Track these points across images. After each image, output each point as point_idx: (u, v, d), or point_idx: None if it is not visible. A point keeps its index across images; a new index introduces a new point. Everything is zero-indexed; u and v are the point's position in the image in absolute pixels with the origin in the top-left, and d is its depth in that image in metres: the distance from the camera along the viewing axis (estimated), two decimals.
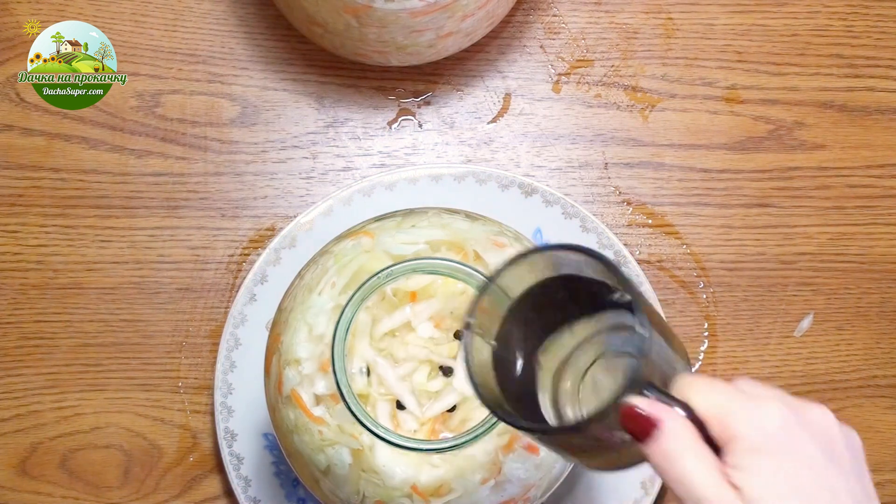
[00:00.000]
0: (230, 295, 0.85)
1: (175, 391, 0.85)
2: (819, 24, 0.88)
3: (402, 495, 0.65)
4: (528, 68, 0.87)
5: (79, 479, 0.84)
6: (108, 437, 0.84)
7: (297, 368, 0.66)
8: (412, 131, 0.87)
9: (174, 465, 0.84)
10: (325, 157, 0.86)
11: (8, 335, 0.85)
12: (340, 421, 0.65)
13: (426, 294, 0.67)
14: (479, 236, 0.68)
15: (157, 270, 0.85)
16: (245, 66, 0.87)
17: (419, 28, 0.79)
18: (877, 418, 0.85)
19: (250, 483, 0.82)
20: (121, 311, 0.85)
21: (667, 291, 0.85)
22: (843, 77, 0.87)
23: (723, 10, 0.88)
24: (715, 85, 0.87)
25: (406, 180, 0.83)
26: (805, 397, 0.53)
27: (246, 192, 0.86)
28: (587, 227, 0.83)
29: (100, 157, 0.86)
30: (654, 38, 0.87)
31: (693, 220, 0.86)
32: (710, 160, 0.86)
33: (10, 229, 0.86)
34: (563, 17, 0.88)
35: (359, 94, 0.87)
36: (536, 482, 0.67)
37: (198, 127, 0.86)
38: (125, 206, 0.86)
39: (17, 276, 0.85)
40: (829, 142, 0.87)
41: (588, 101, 0.87)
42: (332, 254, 0.68)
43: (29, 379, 0.85)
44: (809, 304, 0.86)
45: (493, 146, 0.87)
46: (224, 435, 0.82)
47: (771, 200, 0.86)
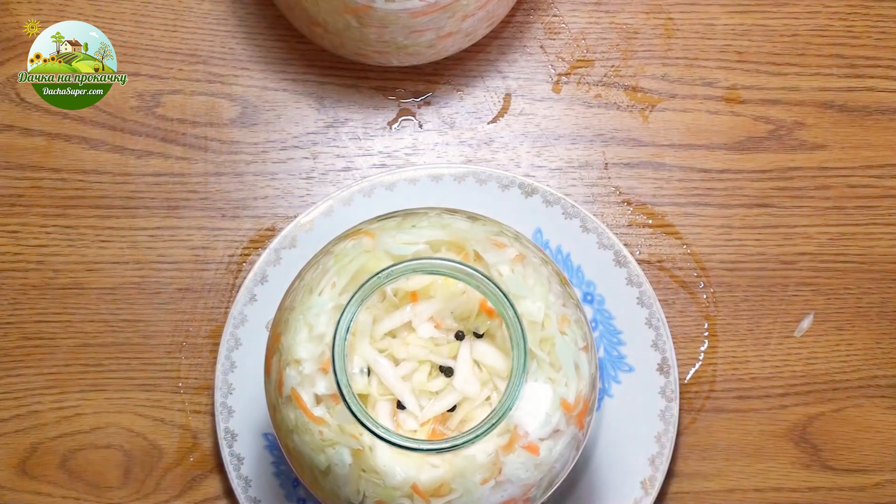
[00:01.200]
0: (230, 295, 0.85)
1: (175, 391, 0.85)
2: (819, 24, 0.88)
3: (403, 495, 0.65)
4: (528, 68, 0.87)
5: (79, 480, 0.84)
6: (109, 438, 0.84)
7: (297, 368, 0.66)
8: (412, 131, 0.87)
9: (174, 466, 0.84)
10: (326, 157, 0.86)
11: (8, 335, 0.85)
12: (341, 421, 0.65)
13: (426, 294, 0.67)
14: (480, 236, 0.68)
15: (158, 271, 0.85)
16: (245, 66, 0.87)
17: (419, 28, 0.79)
18: (877, 418, 0.85)
19: (250, 483, 0.82)
20: (121, 312, 0.85)
21: (667, 291, 0.85)
22: (843, 77, 0.87)
23: (723, 10, 0.88)
24: (715, 85, 0.87)
25: (406, 180, 0.83)
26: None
27: (246, 192, 0.86)
28: (587, 228, 0.83)
29: (100, 158, 0.86)
30: (655, 38, 0.87)
31: (693, 220, 0.86)
32: (711, 160, 0.86)
33: (10, 229, 0.86)
34: (563, 18, 0.88)
35: (359, 94, 0.87)
36: (536, 482, 0.67)
37: (198, 127, 0.87)
38: (125, 206, 0.86)
39: (17, 277, 0.85)
40: (829, 142, 0.87)
41: (588, 102, 0.87)
42: (333, 254, 0.68)
43: (29, 379, 0.85)
44: (809, 305, 0.86)
45: (494, 146, 0.87)
46: (224, 435, 0.82)
47: (771, 200, 0.86)
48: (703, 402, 0.85)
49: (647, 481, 0.81)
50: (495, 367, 0.66)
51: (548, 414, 0.65)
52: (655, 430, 0.82)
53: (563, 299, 0.67)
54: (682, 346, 0.85)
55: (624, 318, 0.83)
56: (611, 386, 0.82)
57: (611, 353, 0.83)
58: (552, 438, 0.66)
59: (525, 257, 0.67)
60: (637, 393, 0.82)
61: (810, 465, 0.84)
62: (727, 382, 0.85)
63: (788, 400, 0.85)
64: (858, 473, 0.84)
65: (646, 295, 0.82)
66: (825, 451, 0.85)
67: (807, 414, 0.85)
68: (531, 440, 0.65)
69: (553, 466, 0.67)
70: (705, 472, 0.84)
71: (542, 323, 0.66)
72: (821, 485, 0.84)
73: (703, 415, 0.85)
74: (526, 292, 0.66)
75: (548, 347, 0.66)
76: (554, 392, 0.65)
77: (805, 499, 0.84)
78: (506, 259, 0.67)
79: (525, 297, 0.66)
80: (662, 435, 0.82)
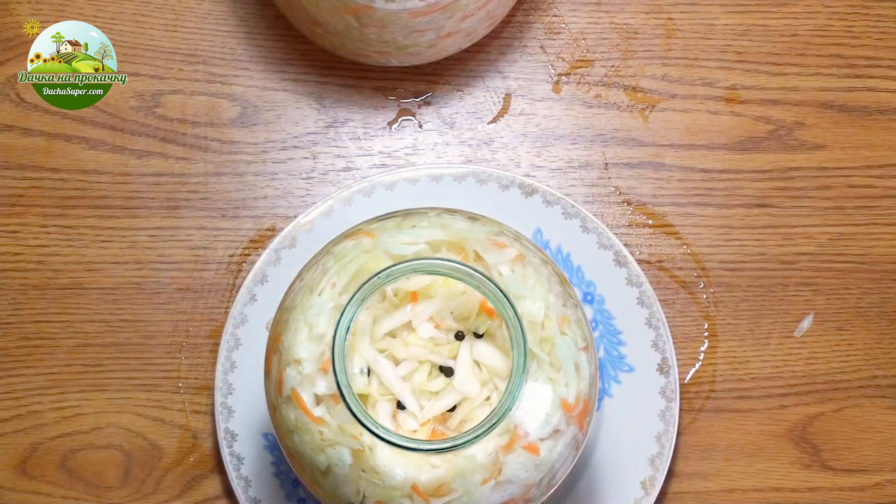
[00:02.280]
0: (230, 295, 0.85)
1: (175, 391, 0.85)
2: (819, 24, 0.88)
3: (403, 495, 0.65)
4: (528, 68, 0.87)
5: (79, 480, 0.84)
6: (109, 438, 0.84)
7: (297, 368, 0.66)
8: (412, 131, 0.87)
9: (174, 466, 0.84)
10: (326, 157, 0.86)
11: (8, 335, 0.85)
12: (341, 421, 0.65)
13: (426, 294, 0.67)
14: (480, 236, 0.68)
15: (158, 271, 0.85)
16: (245, 66, 0.87)
17: (419, 28, 0.79)
18: (877, 418, 0.85)
19: (250, 483, 0.82)
20: (121, 312, 0.85)
21: (667, 292, 0.85)
22: (843, 77, 0.87)
23: (723, 10, 0.88)
24: (715, 85, 0.87)
25: (406, 180, 0.83)
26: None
27: (246, 192, 0.86)
28: (587, 228, 0.83)
29: (100, 158, 0.86)
30: (655, 39, 0.87)
31: (693, 220, 0.86)
32: (711, 160, 0.86)
33: (11, 229, 0.86)
34: (563, 18, 0.88)
35: (359, 94, 0.87)
36: (536, 482, 0.67)
37: (198, 127, 0.87)
38: (125, 206, 0.86)
39: (17, 277, 0.85)
40: (829, 142, 0.87)
41: (588, 102, 0.87)
42: (333, 254, 0.68)
43: (29, 379, 0.85)
44: (810, 305, 0.86)
45: (494, 146, 0.87)
46: (224, 435, 0.82)
47: (771, 200, 0.86)
48: (703, 403, 0.85)
49: (647, 481, 0.81)
50: (495, 367, 0.66)
51: (548, 414, 0.65)
52: (655, 430, 0.82)
53: (563, 299, 0.67)
54: (682, 346, 0.85)
55: (624, 318, 0.83)
56: (611, 386, 0.82)
57: (611, 353, 0.83)
58: (552, 438, 0.66)
59: (525, 257, 0.67)
60: (637, 393, 0.82)
61: (810, 465, 0.84)
62: (727, 382, 0.85)
63: (788, 400, 0.85)
64: (858, 473, 0.84)
65: (646, 295, 0.82)
66: (825, 451, 0.85)
67: (807, 414, 0.85)
68: (531, 440, 0.65)
69: (553, 466, 0.67)
70: (705, 472, 0.84)
71: (542, 323, 0.66)
72: (821, 485, 0.84)
73: (703, 415, 0.85)
74: (526, 292, 0.66)
75: (548, 347, 0.66)
76: (554, 392, 0.65)
77: (805, 499, 0.84)
78: (506, 259, 0.67)
79: (525, 297, 0.66)
80: (662, 435, 0.82)
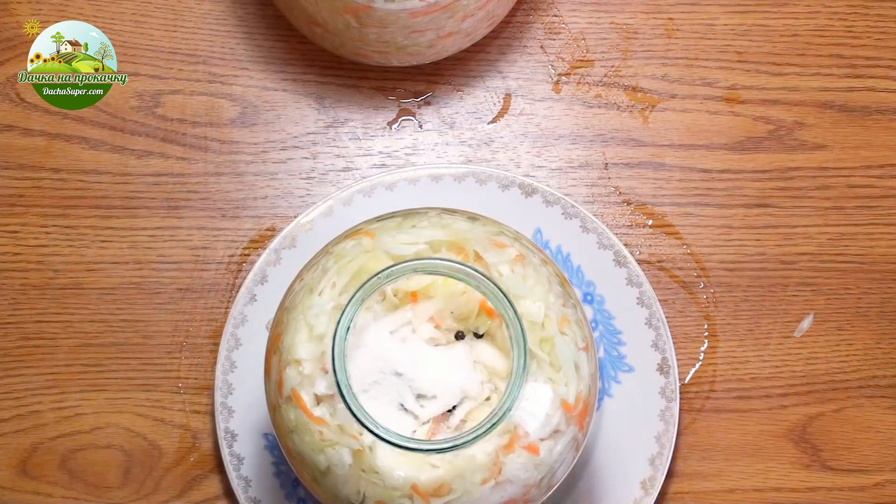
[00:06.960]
0: (230, 295, 0.85)
1: (175, 391, 0.85)
2: (819, 24, 0.88)
3: (403, 495, 0.65)
4: (528, 68, 0.87)
5: (79, 480, 0.84)
6: (109, 438, 0.84)
7: (297, 368, 0.66)
8: (412, 131, 0.87)
9: (174, 466, 0.84)
10: (326, 157, 0.86)
11: (8, 335, 0.85)
12: (340, 421, 0.65)
13: (426, 294, 0.67)
14: (480, 237, 0.68)
15: (158, 271, 0.85)
16: (245, 66, 0.87)
17: (419, 28, 0.79)
18: (877, 418, 0.85)
19: (250, 483, 0.82)
20: (121, 312, 0.85)
21: (667, 291, 0.85)
22: (843, 77, 0.87)
23: (723, 10, 0.88)
24: (715, 85, 0.87)
25: (406, 180, 0.83)
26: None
27: (246, 192, 0.86)
28: (587, 228, 0.83)
29: (100, 158, 0.86)
30: (654, 39, 0.87)
31: (693, 220, 0.86)
32: (711, 160, 0.87)
33: (10, 229, 0.86)
34: (563, 18, 0.88)
35: (359, 94, 0.87)
36: (536, 482, 0.67)
37: (198, 127, 0.87)
38: (125, 206, 0.86)
39: (17, 277, 0.85)
40: (829, 142, 0.87)
41: (588, 102, 0.87)
42: (333, 254, 0.68)
43: (29, 379, 0.85)
44: (809, 305, 0.86)
45: (494, 146, 0.87)
46: (224, 435, 0.82)
47: (771, 200, 0.86)
48: (703, 403, 0.85)
49: (647, 481, 0.81)
50: (495, 367, 0.66)
51: (548, 414, 0.65)
52: (655, 430, 0.82)
53: (563, 299, 0.67)
54: (682, 346, 0.85)
55: (624, 318, 0.83)
56: (611, 386, 0.82)
57: (611, 353, 0.83)
58: (552, 438, 0.66)
59: (525, 257, 0.67)
60: (637, 393, 0.82)
61: (810, 465, 0.84)
62: (727, 382, 0.85)
63: (788, 400, 0.85)
64: (858, 473, 0.84)
65: (646, 295, 0.82)
66: (825, 451, 0.85)
67: (807, 414, 0.85)
68: (531, 440, 0.65)
69: (553, 466, 0.67)
70: (705, 472, 0.84)
71: (542, 323, 0.66)
72: (821, 485, 0.84)
73: (703, 415, 0.85)
74: (526, 292, 0.66)
75: (548, 347, 0.66)
76: (554, 392, 0.65)
77: (805, 499, 0.84)
78: (506, 259, 0.67)
79: (525, 298, 0.66)
80: (662, 435, 0.82)
